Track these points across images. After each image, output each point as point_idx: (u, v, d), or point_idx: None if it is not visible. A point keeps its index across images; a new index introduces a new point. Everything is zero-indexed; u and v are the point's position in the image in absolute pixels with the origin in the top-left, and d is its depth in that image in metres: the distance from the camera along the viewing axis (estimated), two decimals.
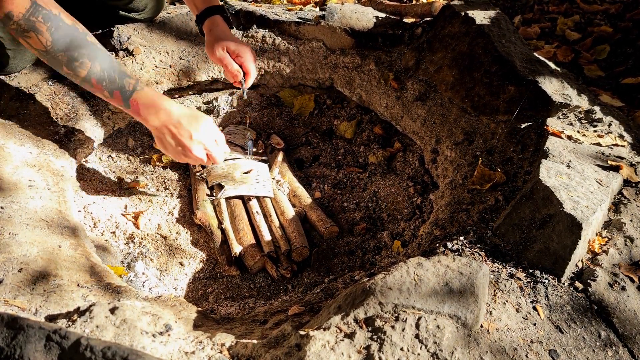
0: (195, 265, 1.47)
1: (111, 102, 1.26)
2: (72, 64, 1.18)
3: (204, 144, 1.27)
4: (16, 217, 1.14)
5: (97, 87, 1.22)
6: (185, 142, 1.25)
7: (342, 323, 0.80)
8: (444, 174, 1.49)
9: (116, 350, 0.62)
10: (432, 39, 1.70)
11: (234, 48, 1.42)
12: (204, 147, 1.27)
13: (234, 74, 1.44)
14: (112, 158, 1.71)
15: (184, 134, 1.24)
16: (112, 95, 1.24)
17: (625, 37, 2.30)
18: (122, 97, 1.23)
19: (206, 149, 1.28)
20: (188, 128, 1.24)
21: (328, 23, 1.82)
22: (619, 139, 1.31)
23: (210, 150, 1.29)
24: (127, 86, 1.23)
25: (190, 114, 1.27)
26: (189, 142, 1.25)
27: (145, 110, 1.24)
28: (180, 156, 1.29)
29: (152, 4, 1.71)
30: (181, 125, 1.24)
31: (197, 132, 1.25)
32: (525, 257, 1.04)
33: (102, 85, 1.21)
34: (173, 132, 1.24)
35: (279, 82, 1.94)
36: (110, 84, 1.22)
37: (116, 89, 1.22)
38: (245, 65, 1.44)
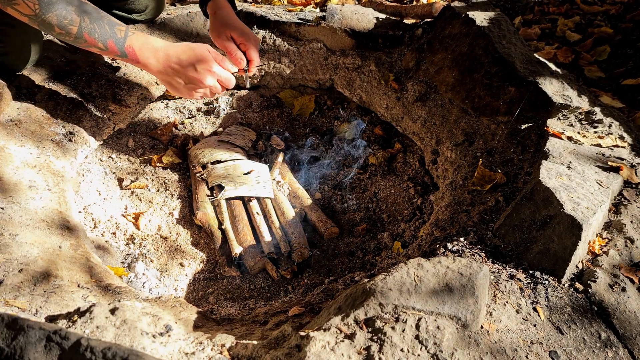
0: (196, 266, 1.47)
1: (108, 54, 1.26)
2: (62, 22, 1.18)
3: (211, 71, 1.26)
4: (16, 218, 1.14)
5: (91, 40, 1.22)
6: (193, 75, 1.24)
7: (342, 324, 0.80)
8: (444, 174, 1.49)
9: (116, 351, 0.62)
10: (432, 40, 1.70)
11: (239, 35, 1.42)
12: (210, 74, 1.26)
13: (238, 61, 1.44)
14: (113, 159, 1.71)
15: (188, 68, 1.23)
16: (106, 47, 1.23)
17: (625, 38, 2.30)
18: (117, 45, 1.23)
19: (214, 74, 1.27)
20: (189, 60, 1.23)
21: (328, 24, 1.82)
22: (619, 140, 1.31)
23: (220, 74, 1.28)
24: (119, 33, 1.23)
25: (186, 46, 1.26)
26: (197, 74, 1.24)
27: (142, 55, 1.24)
28: (193, 92, 1.28)
29: (153, 5, 1.72)
30: (182, 60, 1.23)
31: (200, 61, 1.24)
32: (526, 258, 1.04)
33: (95, 37, 1.21)
34: (177, 70, 1.24)
35: (280, 82, 1.94)
36: (103, 35, 1.21)
37: (109, 38, 1.22)
38: (249, 53, 1.44)
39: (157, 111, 1.90)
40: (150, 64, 1.25)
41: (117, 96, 1.61)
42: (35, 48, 1.47)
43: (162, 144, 1.82)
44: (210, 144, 1.75)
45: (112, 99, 1.60)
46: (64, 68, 1.59)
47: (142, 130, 1.83)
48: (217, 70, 1.27)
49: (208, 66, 1.25)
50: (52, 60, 1.59)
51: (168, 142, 1.83)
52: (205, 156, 1.69)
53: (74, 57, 1.65)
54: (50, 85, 1.53)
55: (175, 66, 1.24)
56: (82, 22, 1.19)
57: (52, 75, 1.56)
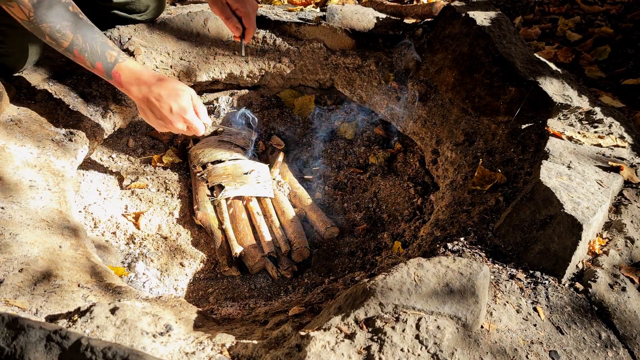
0: (196, 266, 1.47)
1: (94, 72, 1.29)
2: (54, 35, 1.20)
3: (183, 117, 1.29)
4: (17, 218, 1.14)
5: (79, 58, 1.25)
6: (166, 114, 1.28)
7: (342, 324, 0.80)
8: (444, 174, 1.49)
9: (116, 351, 0.62)
10: (432, 40, 1.70)
11: (235, 1, 1.41)
12: (183, 120, 1.30)
13: (234, 28, 1.44)
14: (113, 158, 1.71)
15: (164, 106, 1.27)
16: (94, 67, 1.27)
17: (626, 38, 2.30)
18: (104, 68, 1.27)
19: (186, 121, 1.31)
20: (168, 101, 1.27)
21: (329, 24, 1.82)
22: (619, 140, 1.31)
23: (190, 121, 1.31)
24: (109, 58, 1.26)
25: (171, 87, 1.29)
26: (170, 114, 1.28)
27: (127, 82, 1.28)
28: (162, 127, 1.33)
29: (154, 5, 1.72)
30: (162, 98, 1.27)
31: (177, 104, 1.28)
32: (526, 258, 1.04)
33: (85, 56, 1.24)
34: (154, 105, 1.27)
35: (280, 82, 1.94)
36: (92, 56, 1.25)
37: (98, 60, 1.25)
38: (245, 20, 1.44)
39: None
40: (132, 90, 1.29)
41: (118, 96, 1.61)
42: (36, 48, 1.47)
43: (163, 144, 1.82)
44: (211, 143, 1.75)
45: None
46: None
47: (142, 130, 1.83)
48: (190, 118, 1.31)
49: (183, 111, 1.29)
50: (52, 60, 1.59)
51: (168, 142, 1.83)
52: (205, 156, 1.69)
53: None
54: (51, 85, 1.53)
55: (153, 101, 1.28)
56: (74, 39, 1.22)
57: (52, 75, 1.56)
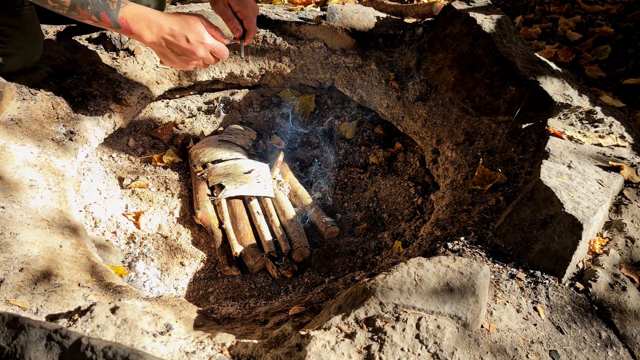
0: (196, 265, 1.47)
1: (101, 25, 1.26)
2: None
3: (203, 43, 1.27)
4: (17, 217, 1.14)
5: (84, 13, 1.22)
6: (186, 47, 1.25)
7: (342, 323, 0.80)
8: (444, 174, 1.49)
9: (117, 350, 0.62)
10: (433, 40, 1.70)
11: (236, 3, 1.41)
12: (203, 46, 1.27)
13: (234, 29, 1.43)
14: (113, 158, 1.71)
15: (181, 39, 1.24)
16: (100, 19, 1.23)
17: (626, 38, 2.30)
18: (110, 17, 1.23)
19: (207, 46, 1.28)
20: (183, 32, 1.24)
21: (329, 23, 1.82)
22: (619, 140, 1.31)
23: (212, 45, 1.29)
24: (111, 5, 1.23)
25: (179, 18, 1.26)
26: (189, 45, 1.25)
27: (136, 26, 1.24)
28: (187, 63, 1.30)
29: (154, 5, 1.72)
30: (175, 32, 1.24)
31: (193, 32, 1.25)
32: (526, 258, 1.04)
33: (88, 9, 1.21)
34: (171, 42, 1.25)
35: (280, 82, 1.94)
36: (95, 7, 1.21)
37: (102, 10, 1.22)
38: (246, 22, 1.43)
39: (158, 110, 1.90)
40: (144, 35, 1.25)
41: (118, 95, 1.62)
42: (36, 48, 1.47)
43: (163, 143, 1.83)
44: (211, 143, 1.75)
45: (113, 98, 1.60)
46: (65, 67, 1.59)
47: (142, 129, 1.83)
48: (210, 41, 1.28)
49: (200, 37, 1.26)
50: (52, 59, 1.59)
51: (168, 142, 1.83)
52: (205, 155, 1.69)
53: (75, 57, 1.65)
54: (51, 85, 1.53)
55: (169, 37, 1.24)
56: None
57: (52, 74, 1.56)
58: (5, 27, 1.37)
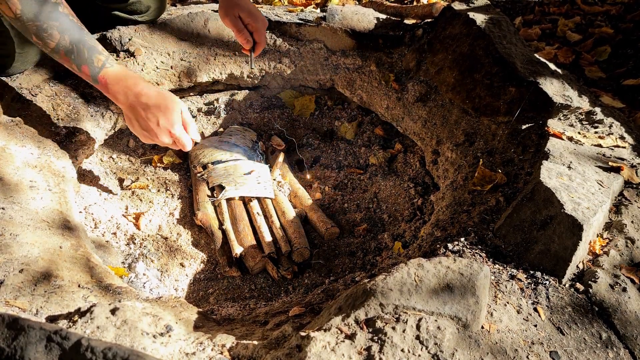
0: (196, 266, 1.47)
1: (80, 75, 1.25)
2: (40, 34, 1.17)
3: (171, 132, 1.26)
4: (17, 218, 1.14)
5: (65, 59, 1.22)
6: (152, 127, 1.24)
7: (342, 324, 0.80)
8: (444, 175, 1.49)
9: (117, 351, 0.62)
10: (432, 40, 1.70)
11: (247, 16, 1.41)
12: (169, 134, 1.26)
13: (245, 41, 1.43)
14: (113, 159, 1.71)
15: (151, 119, 1.23)
16: (80, 70, 1.23)
17: (626, 39, 2.30)
18: (90, 72, 1.23)
19: (172, 136, 1.27)
20: (156, 114, 1.23)
21: (329, 24, 1.82)
22: (619, 140, 1.31)
23: (178, 137, 1.27)
24: (96, 62, 1.22)
25: (160, 100, 1.24)
26: (156, 128, 1.24)
27: (113, 89, 1.24)
28: (146, 139, 1.29)
29: (155, 6, 1.72)
30: (149, 110, 1.23)
31: (165, 118, 1.24)
32: (526, 259, 1.04)
33: (70, 58, 1.21)
34: (141, 115, 1.24)
35: (280, 83, 1.94)
36: (78, 58, 1.21)
37: (84, 63, 1.22)
38: (256, 34, 1.43)
39: None
40: (118, 99, 1.25)
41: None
42: (36, 49, 1.47)
43: None
44: (211, 144, 1.75)
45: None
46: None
47: None
48: (177, 132, 1.27)
49: (170, 126, 1.25)
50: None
51: None
52: (205, 156, 1.69)
53: None
54: (51, 86, 1.53)
55: (141, 111, 1.24)
56: (61, 40, 1.19)
57: (53, 75, 1.56)
58: (6, 29, 1.37)
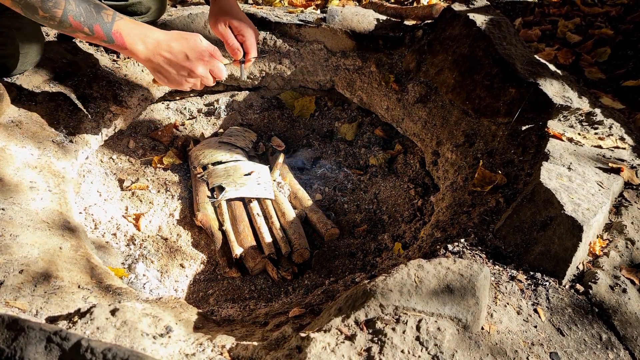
0: (196, 267, 1.47)
1: (94, 40, 1.20)
2: (45, 5, 1.11)
3: (203, 60, 1.22)
4: (17, 219, 1.14)
5: (76, 24, 1.15)
6: (184, 64, 1.20)
7: (342, 325, 0.80)
8: (444, 176, 1.49)
9: (117, 352, 0.62)
10: (433, 41, 1.70)
11: (237, 25, 1.38)
12: (203, 63, 1.23)
13: (234, 51, 1.40)
14: (113, 160, 1.71)
15: (179, 56, 1.19)
16: (92, 32, 1.17)
17: (626, 40, 2.30)
18: (103, 30, 1.17)
19: (206, 63, 1.23)
20: (182, 49, 1.19)
21: (329, 25, 1.82)
22: (619, 142, 1.31)
23: (212, 64, 1.24)
24: (105, 17, 1.17)
25: (178, 34, 1.21)
26: (188, 62, 1.20)
27: (131, 40, 1.18)
28: (184, 81, 1.25)
29: (155, 7, 1.72)
30: (173, 48, 1.19)
31: (192, 49, 1.20)
32: (526, 260, 1.04)
33: (81, 21, 1.15)
34: (168, 58, 1.20)
35: (280, 84, 1.94)
36: (89, 19, 1.15)
37: (95, 22, 1.16)
38: (246, 44, 1.40)
39: (158, 112, 1.90)
40: (138, 50, 1.19)
41: (118, 97, 1.62)
42: (37, 50, 1.48)
43: (163, 145, 1.83)
44: (211, 145, 1.75)
45: (113, 100, 1.60)
46: (65, 69, 1.59)
47: (143, 131, 1.84)
48: (209, 59, 1.23)
49: (200, 55, 1.21)
50: (53, 61, 1.59)
51: (169, 143, 1.83)
52: (205, 157, 1.70)
53: (75, 59, 1.65)
54: (52, 87, 1.53)
55: (166, 54, 1.19)
56: (67, 5, 1.13)
57: (53, 76, 1.56)
58: (6, 29, 1.37)
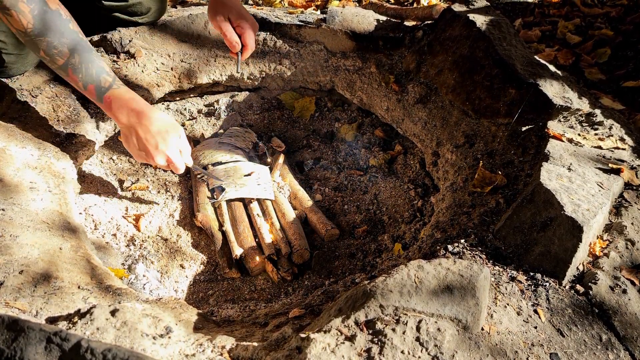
0: (196, 268, 1.47)
1: (84, 93, 1.26)
2: (50, 51, 1.17)
3: (165, 154, 1.28)
4: (17, 219, 1.14)
5: (73, 78, 1.23)
6: (150, 149, 1.26)
7: (342, 326, 0.80)
8: (444, 176, 1.49)
9: (117, 353, 0.62)
10: (433, 42, 1.70)
11: (236, 18, 1.39)
12: (166, 158, 1.29)
13: (232, 44, 1.41)
14: (113, 160, 1.71)
15: (150, 141, 1.26)
16: (85, 89, 1.24)
17: (626, 40, 2.30)
18: (97, 92, 1.24)
19: (168, 160, 1.30)
20: (156, 138, 1.25)
21: (329, 26, 1.82)
22: (619, 142, 1.31)
23: (173, 161, 1.31)
24: (103, 83, 1.23)
25: (161, 125, 1.27)
26: (154, 150, 1.27)
27: (117, 109, 1.25)
28: (141, 158, 1.31)
29: (155, 7, 1.72)
30: (149, 133, 1.25)
31: (164, 143, 1.27)
32: (526, 260, 1.04)
33: (78, 77, 1.22)
34: (140, 137, 1.26)
35: (280, 84, 1.94)
36: (87, 77, 1.22)
37: (91, 82, 1.23)
38: (244, 37, 1.41)
39: None
40: (120, 118, 1.27)
41: None
42: None
43: None
44: (211, 145, 1.75)
45: None
46: None
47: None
48: (173, 158, 1.30)
49: (168, 150, 1.28)
50: None
51: None
52: (206, 158, 1.70)
53: None
54: (52, 87, 1.53)
55: (141, 133, 1.26)
56: (70, 59, 1.19)
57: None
58: (6, 30, 1.37)
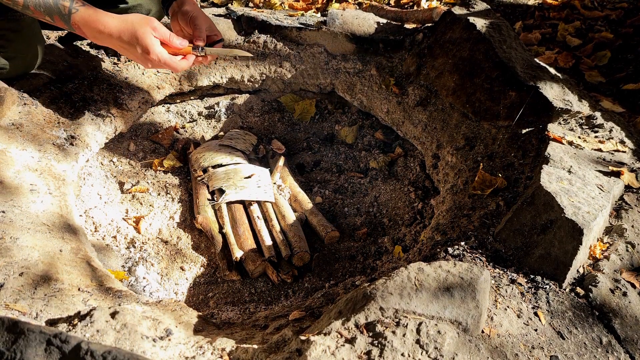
0: (196, 270, 1.47)
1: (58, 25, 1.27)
2: None
3: (149, 56, 1.26)
4: (17, 221, 1.14)
5: (37, 13, 1.24)
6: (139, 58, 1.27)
7: (342, 328, 0.80)
8: (445, 179, 1.49)
9: (117, 355, 0.62)
10: (433, 45, 1.71)
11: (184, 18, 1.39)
12: (152, 61, 1.27)
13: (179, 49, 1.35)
14: (114, 162, 1.72)
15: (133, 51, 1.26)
16: (53, 20, 1.25)
17: (626, 43, 2.30)
18: (63, 21, 1.25)
19: (154, 61, 1.27)
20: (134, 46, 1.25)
21: (329, 29, 1.83)
22: (620, 145, 1.31)
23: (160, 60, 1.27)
24: (63, 10, 1.24)
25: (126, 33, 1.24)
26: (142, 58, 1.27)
27: (91, 36, 1.27)
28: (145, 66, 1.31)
29: (155, 9, 1.72)
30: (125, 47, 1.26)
31: (141, 48, 1.25)
32: (527, 263, 1.04)
33: (41, 11, 1.23)
34: (125, 51, 1.27)
35: (281, 87, 1.94)
36: (47, 9, 1.23)
37: (55, 13, 1.24)
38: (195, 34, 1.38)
39: (159, 115, 1.90)
40: (99, 40, 1.28)
41: (119, 100, 1.62)
42: (37, 52, 1.48)
43: (163, 148, 1.83)
44: (211, 147, 1.75)
45: (114, 103, 1.61)
46: (66, 72, 1.60)
47: (143, 134, 1.84)
48: (157, 56, 1.26)
49: (146, 50, 1.25)
50: (54, 64, 1.60)
51: (169, 146, 1.84)
52: (206, 160, 1.70)
53: (76, 62, 1.65)
54: (52, 89, 1.53)
55: (122, 50, 1.27)
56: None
57: (54, 79, 1.56)
58: (6, 32, 1.38)
